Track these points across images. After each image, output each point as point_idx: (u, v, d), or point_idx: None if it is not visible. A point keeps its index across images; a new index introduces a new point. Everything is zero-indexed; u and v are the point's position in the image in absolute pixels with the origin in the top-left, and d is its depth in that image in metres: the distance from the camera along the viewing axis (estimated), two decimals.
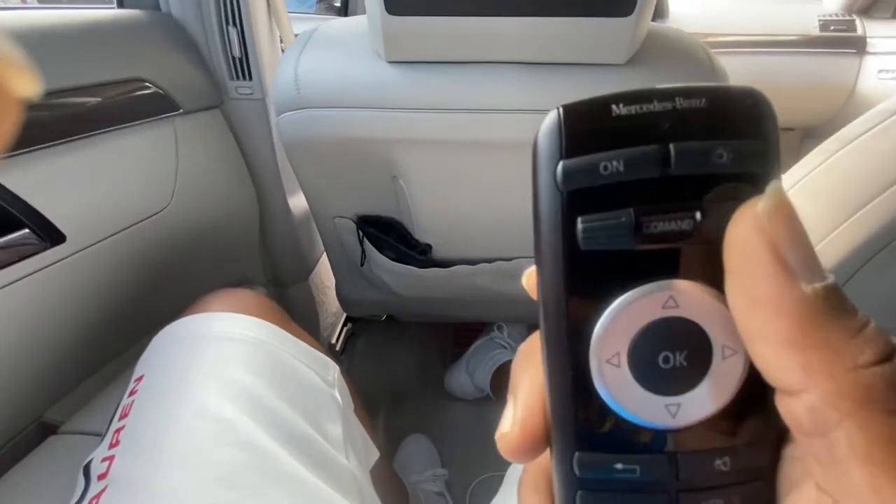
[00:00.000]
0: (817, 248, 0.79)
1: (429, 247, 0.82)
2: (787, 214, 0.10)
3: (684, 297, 0.11)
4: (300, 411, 0.44)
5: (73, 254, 0.50)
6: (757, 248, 0.10)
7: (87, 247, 0.52)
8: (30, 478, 0.44)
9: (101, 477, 0.37)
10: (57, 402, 0.53)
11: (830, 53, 1.80)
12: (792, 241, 0.10)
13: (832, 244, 0.80)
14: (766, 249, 0.10)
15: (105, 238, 0.54)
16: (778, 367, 0.10)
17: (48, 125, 0.46)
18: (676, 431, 0.12)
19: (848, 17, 1.82)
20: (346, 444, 0.47)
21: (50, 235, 0.47)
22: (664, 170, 0.11)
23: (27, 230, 0.45)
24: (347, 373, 0.53)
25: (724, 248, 0.11)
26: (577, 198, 0.11)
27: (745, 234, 0.10)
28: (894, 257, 0.73)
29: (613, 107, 0.11)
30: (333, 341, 1.15)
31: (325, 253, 1.06)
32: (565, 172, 0.11)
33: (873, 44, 1.79)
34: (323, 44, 0.58)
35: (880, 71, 1.77)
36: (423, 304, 0.95)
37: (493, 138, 0.56)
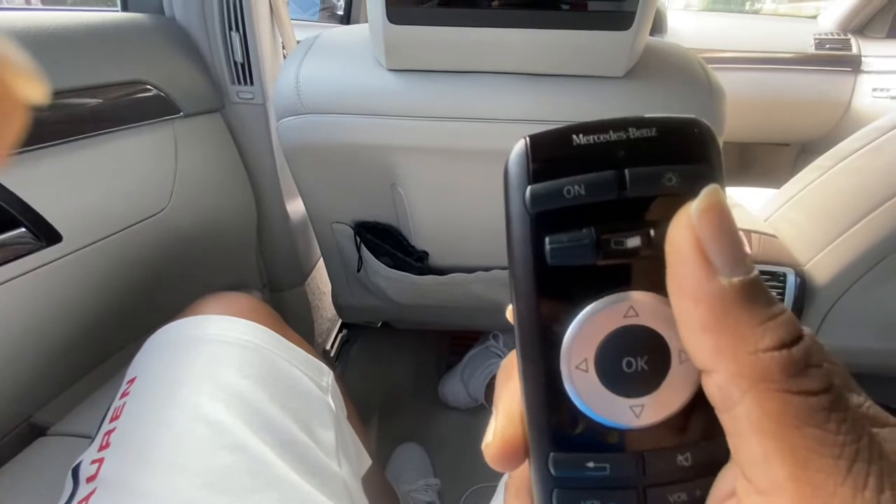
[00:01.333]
0: (811, 263, 0.79)
1: (426, 254, 0.82)
2: (716, 213, 0.11)
3: (642, 306, 0.12)
4: (293, 416, 0.43)
5: (69, 254, 0.50)
6: (685, 244, 0.11)
7: (83, 247, 0.51)
8: (17, 479, 0.44)
9: (90, 479, 0.36)
10: (47, 404, 0.53)
11: (826, 71, 1.82)
12: (717, 238, 0.11)
13: (824, 261, 0.81)
14: (692, 245, 0.11)
15: (101, 239, 0.54)
16: (696, 349, 0.11)
17: (50, 125, 0.46)
18: (641, 431, 0.13)
19: (843, 36, 1.84)
20: (339, 451, 0.46)
21: (46, 235, 0.47)
22: (621, 192, 0.12)
23: (23, 229, 0.45)
24: (341, 379, 0.53)
25: (665, 246, 0.12)
26: (544, 219, 0.12)
27: (677, 232, 0.11)
28: (879, 279, 0.73)
29: (574, 137, 0.12)
30: (328, 347, 1.15)
31: (321, 258, 1.06)
32: (533, 196, 0.12)
33: (868, 62, 1.81)
34: (324, 51, 0.58)
35: (874, 89, 1.79)
36: (418, 311, 0.95)
37: (491, 147, 0.56)
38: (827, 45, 1.81)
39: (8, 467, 0.45)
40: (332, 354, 1.14)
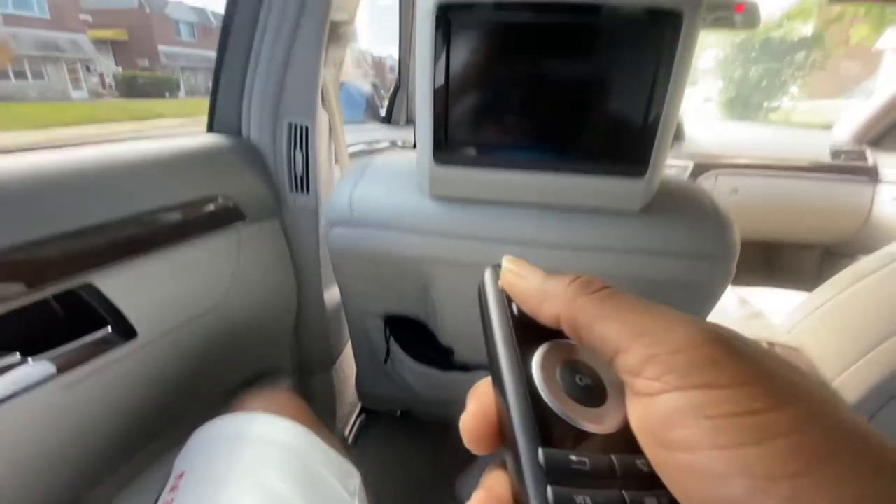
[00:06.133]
0: (839, 380, 0.80)
1: (451, 351, 0.86)
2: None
3: (579, 347, 0.18)
4: None
5: (141, 347, 0.56)
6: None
7: (152, 341, 0.58)
8: None
9: None
10: (95, 487, 0.56)
11: (844, 180, 1.86)
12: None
13: (852, 379, 0.81)
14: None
15: (166, 333, 0.60)
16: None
17: (141, 240, 0.55)
18: (608, 436, 0.15)
19: (858, 148, 1.91)
20: None
21: (125, 332, 0.53)
22: None
23: (108, 328, 0.51)
24: (357, 466, 0.55)
25: None
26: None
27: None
28: None
29: None
30: (347, 433, 1.15)
31: (348, 343, 1.11)
32: None
33: (886, 173, 1.85)
34: (376, 174, 0.67)
35: (895, 199, 1.82)
36: (441, 404, 0.97)
37: None
38: (842, 156, 1.87)
39: None
40: (350, 441, 1.14)
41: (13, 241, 0.43)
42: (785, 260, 2.26)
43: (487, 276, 0.20)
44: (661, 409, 0.13)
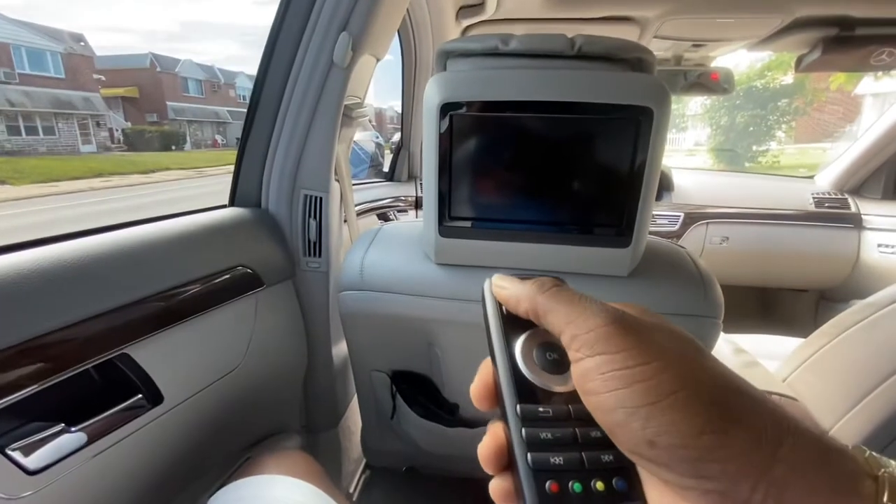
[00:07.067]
0: (836, 429, 0.82)
1: (456, 406, 0.89)
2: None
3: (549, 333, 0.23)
4: None
5: (166, 412, 0.60)
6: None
7: (177, 405, 0.61)
8: None
9: None
10: None
11: (830, 227, 1.92)
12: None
13: (849, 426, 0.83)
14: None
15: (190, 396, 0.64)
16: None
17: (171, 311, 0.60)
18: (568, 393, 0.22)
19: (840, 196, 1.98)
20: None
21: (154, 398, 0.57)
22: None
23: (140, 395, 0.55)
24: None
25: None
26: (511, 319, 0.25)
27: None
28: None
29: None
30: (352, 489, 1.15)
31: (352, 400, 1.13)
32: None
33: (869, 220, 1.90)
34: (385, 242, 0.73)
35: (879, 245, 1.87)
36: (446, 460, 0.98)
37: None
38: (826, 204, 1.94)
39: None
40: (355, 498, 1.14)
41: (64, 320, 0.48)
42: (781, 305, 2.29)
43: (486, 287, 0.27)
44: (581, 370, 0.20)
